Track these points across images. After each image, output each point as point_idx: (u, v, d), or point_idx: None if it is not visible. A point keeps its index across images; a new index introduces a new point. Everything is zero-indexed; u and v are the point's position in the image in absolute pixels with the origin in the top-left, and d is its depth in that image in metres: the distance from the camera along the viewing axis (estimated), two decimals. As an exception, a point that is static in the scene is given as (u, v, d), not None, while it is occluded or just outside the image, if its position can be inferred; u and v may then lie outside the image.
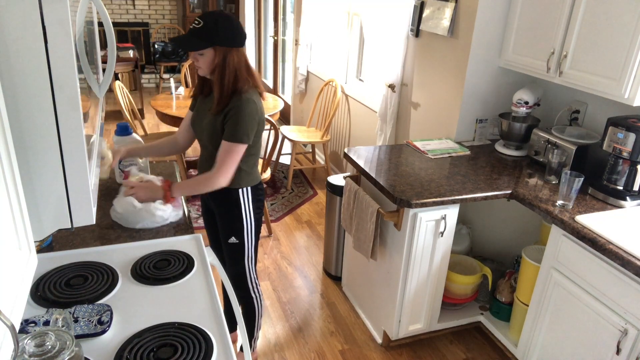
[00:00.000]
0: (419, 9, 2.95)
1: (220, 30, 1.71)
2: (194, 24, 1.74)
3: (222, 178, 1.81)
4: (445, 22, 2.72)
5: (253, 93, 1.82)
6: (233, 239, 2.01)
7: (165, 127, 5.56)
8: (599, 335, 1.85)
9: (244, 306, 2.18)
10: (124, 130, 2.08)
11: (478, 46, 2.59)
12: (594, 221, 1.90)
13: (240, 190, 1.95)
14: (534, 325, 2.18)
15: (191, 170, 4.49)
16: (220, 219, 2.02)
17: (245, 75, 1.80)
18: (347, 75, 4.30)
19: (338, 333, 2.64)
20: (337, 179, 2.92)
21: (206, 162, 1.95)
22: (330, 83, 4.36)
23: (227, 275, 2.07)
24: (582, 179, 1.99)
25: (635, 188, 2.05)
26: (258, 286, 2.17)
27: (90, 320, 1.25)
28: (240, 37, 1.78)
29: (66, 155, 0.92)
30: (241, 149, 1.81)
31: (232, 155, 1.80)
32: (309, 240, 3.55)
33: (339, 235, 2.98)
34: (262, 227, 2.18)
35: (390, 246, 2.34)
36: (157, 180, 1.85)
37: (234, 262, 2.06)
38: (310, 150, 4.77)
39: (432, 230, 2.22)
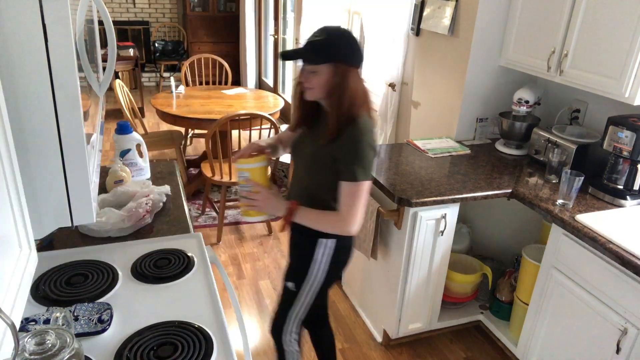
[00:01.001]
0: (420, 7, 2.94)
1: (341, 45, 1.49)
2: (313, 36, 1.52)
3: (352, 226, 1.56)
4: (446, 21, 2.71)
5: (368, 120, 1.56)
6: (291, 285, 1.77)
7: (165, 126, 5.56)
8: (599, 334, 1.85)
9: (278, 353, 1.96)
10: (124, 129, 2.08)
11: (478, 45, 2.59)
12: (594, 220, 1.90)
13: (322, 240, 1.66)
14: (534, 324, 2.18)
15: (191, 169, 4.49)
16: (292, 257, 1.81)
17: (363, 100, 1.56)
18: (348, 74, 4.29)
19: (338, 332, 2.64)
20: (337, 178, 2.92)
21: (296, 185, 1.74)
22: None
23: (273, 314, 1.92)
24: (583, 178, 1.99)
25: (636, 187, 2.05)
26: (295, 340, 1.89)
27: (90, 319, 1.25)
28: (361, 56, 1.54)
29: (66, 154, 0.92)
30: (366, 187, 1.55)
31: (358, 197, 1.54)
32: (309, 239, 3.54)
33: (339, 234, 2.98)
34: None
35: (391, 245, 2.34)
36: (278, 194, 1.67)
37: (282, 305, 1.84)
38: (311, 149, 4.76)
39: (432, 229, 2.22)
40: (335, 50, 1.49)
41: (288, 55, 1.57)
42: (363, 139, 1.52)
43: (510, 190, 2.22)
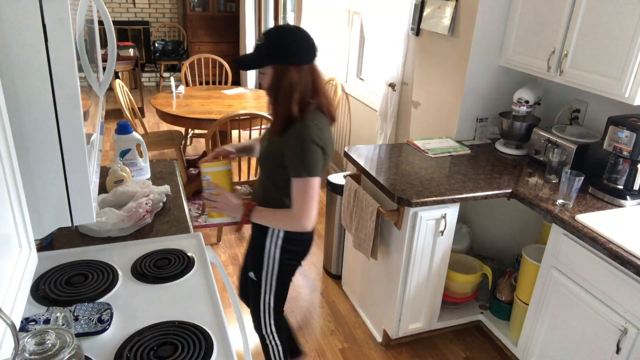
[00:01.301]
0: (420, 7, 2.94)
1: (278, 46, 1.55)
2: (257, 40, 1.60)
3: (305, 221, 1.60)
4: (446, 21, 2.71)
5: (317, 116, 1.61)
6: (252, 275, 1.84)
7: (165, 126, 5.56)
8: (599, 334, 1.85)
9: (263, 349, 2.03)
10: (124, 129, 2.08)
11: (478, 45, 2.59)
12: (594, 220, 1.90)
13: (269, 230, 1.73)
14: (534, 324, 2.18)
15: (191, 169, 4.49)
16: (249, 247, 1.88)
17: (307, 97, 1.59)
18: (348, 74, 4.30)
19: (338, 332, 2.64)
20: (337, 178, 2.93)
21: (258, 183, 1.80)
22: (331, 82, 4.36)
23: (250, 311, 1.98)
24: (583, 178, 1.99)
25: (636, 187, 2.05)
26: (274, 334, 1.96)
27: (90, 319, 1.25)
28: (303, 53, 1.56)
29: (66, 154, 0.92)
30: (315, 182, 1.57)
31: (306, 193, 1.57)
32: (309, 239, 3.55)
33: (339, 234, 2.98)
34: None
35: (391, 245, 2.34)
36: (237, 196, 1.70)
37: (251, 296, 1.91)
38: (311, 149, 4.76)
39: (432, 229, 2.22)
40: (272, 51, 1.56)
41: (238, 63, 1.64)
42: (307, 135, 1.55)
43: (510, 190, 2.22)
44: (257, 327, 1.97)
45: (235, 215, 1.68)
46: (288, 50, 1.56)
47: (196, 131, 5.20)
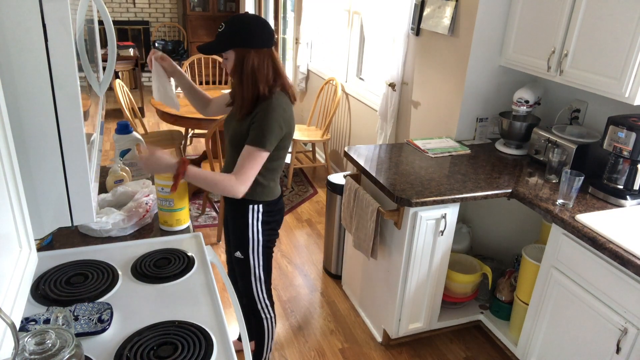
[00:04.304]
0: (420, 7, 2.94)
1: (238, 31, 1.67)
2: (219, 28, 1.72)
3: (240, 185, 1.68)
4: (446, 21, 2.71)
5: (282, 97, 1.74)
6: (238, 254, 1.93)
7: (165, 126, 5.56)
8: (599, 334, 1.85)
9: (255, 322, 2.10)
10: (124, 129, 2.08)
11: (478, 45, 2.59)
12: (594, 220, 1.90)
13: (251, 205, 1.84)
14: (534, 324, 2.18)
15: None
16: (230, 229, 1.95)
17: (270, 78, 1.72)
18: (348, 73, 4.30)
19: (338, 331, 2.64)
20: (337, 178, 2.92)
21: (227, 168, 1.86)
22: (331, 82, 4.36)
23: (239, 291, 2.04)
24: (583, 178, 1.99)
25: (636, 187, 2.05)
26: (269, 307, 2.07)
27: (90, 319, 1.25)
28: (261, 38, 1.69)
29: (66, 154, 0.92)
30: (263, 155, 1.70)
31: (252, 161, 1.69)
32: (309, 239, 3.55)
33: (339, 234, 2.98)
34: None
35: (391, 245, 2.34)
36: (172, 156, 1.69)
37: (240, 276, 1.99)
38: (311, 149, 4.77)
39: (432, 229, 2.22)
40: (232, 37, 1.68)
41: (202, 49, 1.74)
42: (272, 113, 1.69)
43: (510, 190, 2.22)
44: (252, 306, 2.04)
45: (168, 172, 1.65)
46: (248, 34, 1.68)
47: (196, 131, 5.20)
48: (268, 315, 2.08)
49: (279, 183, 1.93)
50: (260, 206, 1.86)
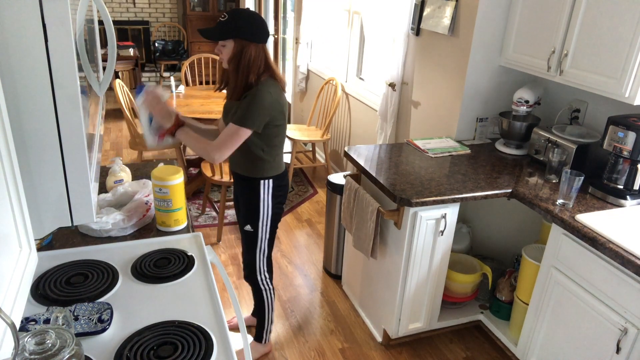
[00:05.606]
0: (420, 7, 2.94)
1: (242, 24, 1.83)
2: (220, 18, 1.87)
3: (217, 154, 1.86)
4: (446, 21, 2.71)
5: (271, 84, 1.90)
6: (249, 227, 2.11)
7: (165, 126, 5.55)
8: (599, 334, 1.85)
9: (256, 297, 2.30)
10: (140, 90, 2.08)
11: (478, 45, 2.59)
12: (594, 220, 1.90)
13: (262, 181, 2.03)
14: (534, 324, 2.18)
15: (191, 168, 4.49)
16: (242, 205, 2.13)
17: (260, 70, 1.89)
18: (348, 73, 4.30)
19: (338, 331, 2.64)
20: (337, 178, 2.92)
21: (235, 157, 2.02)
22: (331, 81, 4.36)
23: (243, 264, 2.27)
24: (583, 177, 1.99)
25: (636, 187, 2.05)
26: (267, 279, 2.26)
27: (90, 319, 1.25)
28: (261, 34, 1.88)
29: (66, 154, 0.92)
30: (244, 133, 1.86)
31: (233, 137, 1.86)
32: (309, 239, 3.55)
33: (339, 234, 2.98)
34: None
35: (391, 245, 2.34)
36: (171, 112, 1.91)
37: (246, 249, 2.19)
38: (311, 149, 4.77)
39: (432, 229, 2.22)
40: (236, 28, 1.84)
41: (203, 33, 1.88)
42: (256, 98, 1.86)
43: (510, 190, 2.22)
44: (253, 278, 2.24)
45: (166, 124, 1.87)
46: (252, 29, 1.86)
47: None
48: (266, 287, 2.27)
49: (282, 159, 2.10)
50: (271, 181, 2.05)
